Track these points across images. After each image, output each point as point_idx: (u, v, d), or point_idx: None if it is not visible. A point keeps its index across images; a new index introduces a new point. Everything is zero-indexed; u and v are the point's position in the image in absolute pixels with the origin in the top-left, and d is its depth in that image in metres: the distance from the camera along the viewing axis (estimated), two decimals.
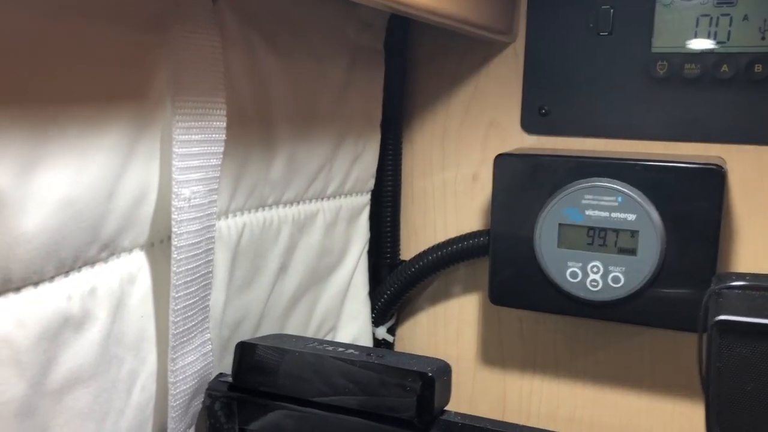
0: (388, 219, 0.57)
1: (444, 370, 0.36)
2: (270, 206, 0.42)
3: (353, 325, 0.54)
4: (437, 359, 0.37)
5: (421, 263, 0.55)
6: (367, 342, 0.55)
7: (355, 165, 0.51)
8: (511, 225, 0.49)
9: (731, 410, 0.30)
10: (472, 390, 0.59)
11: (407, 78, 0.57)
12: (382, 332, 0.57)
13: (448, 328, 0.59)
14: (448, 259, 0.55)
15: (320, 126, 0.46)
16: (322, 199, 0.48)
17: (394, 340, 0.59)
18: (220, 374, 0.41)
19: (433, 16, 0.40)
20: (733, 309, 0.31)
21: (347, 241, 0.51)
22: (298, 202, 0.45)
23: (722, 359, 0.30)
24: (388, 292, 0.56)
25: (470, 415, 0.37)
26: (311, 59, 0.44)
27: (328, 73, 0.46)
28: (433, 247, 0.55)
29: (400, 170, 0.57)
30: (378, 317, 0.57)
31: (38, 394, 0.27)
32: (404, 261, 0.57)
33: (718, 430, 0.31)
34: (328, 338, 0.52)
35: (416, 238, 0.58)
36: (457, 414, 0.37)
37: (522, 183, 0.48)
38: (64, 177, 0.27)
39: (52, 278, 0.27)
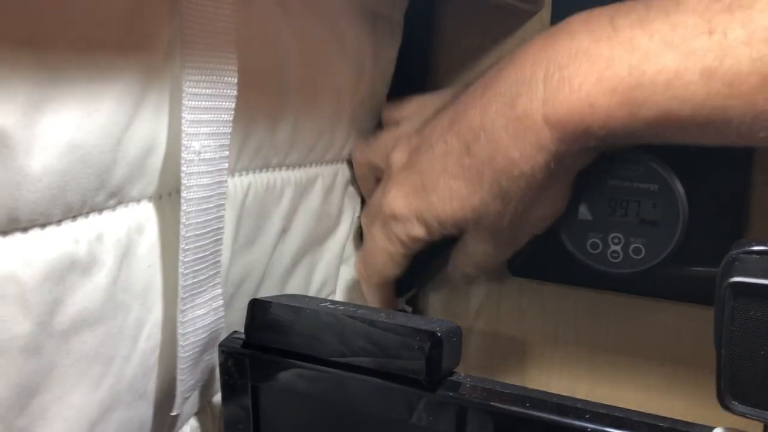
0: None
1: (454, 331, 0.36)
2: (274, 168, 0.43)
3: (351, 289, 0.54)
4: (448, 321, 0.37)
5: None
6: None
7: (354, 134, 0.51)
8: None
9: (744, 376, 0.30)
10: (492, 363, 0.58)
11: (430, 50, 0.56)
12: (401, 304, 0.57)
13: (470, 302, 0.58)
14: None
15: (328, 92, 0.46)
16: (322, 163, 0.48)
17: (412, 311, 0.58)
18: (235, 332, 0.41)
19: None
20: (749, 272, 0.30)
21: (342, 207, 0.52)
22: (301, 166, 0.46)
23: (735, 323, 0.29)
24: (410, 265, 0.56)
25: (479, 377, 0.36)
26: (325, 25, 0.44)
27: (342, 41, 0.46)
28: None
29: None
30: (398, 288, 0.57)
31: (45, 333, 0.27)
32: None
33: (730, 397, 0.30)
34: None
35: None
36: (466, 376, 0.37)
37: None
38: (71, 121, 0.27)
39: (59, 221, 0.28)
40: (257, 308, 0.39)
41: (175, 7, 0.31)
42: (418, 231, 0.44)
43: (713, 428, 0.31)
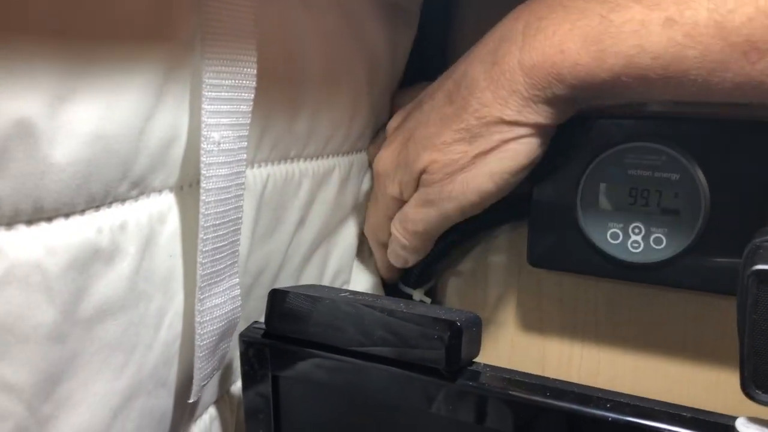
0: None
1: (473, 321, 0.36)
2: (292, 159, 0.43)
3: (364, 279, 0.55)
4: (467, 312, 0.37)
5: (461, 225, 0.55)
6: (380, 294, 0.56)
7: (371, 124, 0.51)
8: (553, 185, 0.48)
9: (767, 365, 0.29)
10: (511, 355, 0.58)
11: (448, 38, 0.56)
12: (419, 295, 0.57)
13: (488, 293, 0.58)
14: (490, 221, 0.54)
15: (345, 84, 0.46)
16: (339, 154, 0.48)
17: (431, 303, 0.58)
18: (255, 322, 0.41)
19: None
20: None
21: (357, 197, 0.52)
22: (318, 157, 0.46)
23: (758, 311, 0.29)
24: (428, 255, 0.56)
25: (498, 367, 0.36)
26: (343, 17, 0.44)
27: (360, 33, 0.46)
28: None
29: None
30: (416, 279, 0.57)
31: (69, 321, 0.28)
32: None
33: (753, 386, 0.30)
34: None
35: None
36: (485, 365, 0.37)
37: (565, 143, 0.47)
38: (94, 111, 0.27)
39: (82, 211, 0.28)
40: (277, 298, 0.39)
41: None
42: (392, 189, 0.46)
43: (736, 417, 0.31)
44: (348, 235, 0.52)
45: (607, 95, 0.38)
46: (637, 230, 0.45)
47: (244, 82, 0.34)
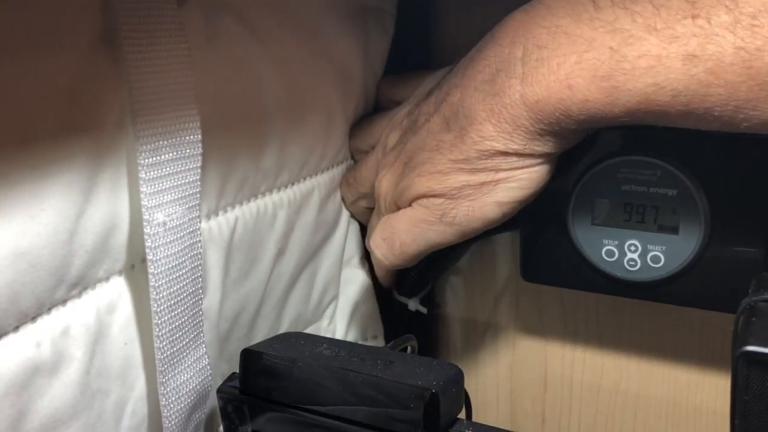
0: None
1: (453, 380, 0.34)
2: (263, 194, 0.40)
3: (353, 289, 0.52)
4: (450, 366, 0.35)
5: None
6: (372, 306, 0.53)
7: (348, 135, 0.48)
8: (544, 200, 0.45)
9: None
10: (513, 358, 0.56)
11: (429, 36, 0.52)
12: (414, 304, 0.55)
13: (487, 297, 0.56)
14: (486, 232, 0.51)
15: (316, 108, 0.43)
16: (317, 174, 0.46)
17: (428, 310, 0.57)
18: (233, 374, 0.40)
19: None
20: (765, 334, 0.27)
21: (339, 210, 0.49)
22: (293, 183, 0.43)
23: (750, 392, 0.27)
24: (422, 261, 0.54)
25: (481, 425, 0.35)
26: (305, 41, 0.41)
27: (327, 53, 0.43)
28: None
29: None
30: (411, 288, 0.55)
31: None
32: None
33: None
34: (331, 307, 0.51)
35: None
36: (468, 424, 0.35)
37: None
38: (12, 229, 0.25)
39: (16, 328, 0.26)
40: (250, 359, 0.37)
41: (123, 73, 0.29)
42: (392, 208, 0.43)
43: None
44: (333, 250, 0.50)
45: (619, 124, 0.34)
46: (633, 248, 0.43)
47: (188, 151, 0.31)
